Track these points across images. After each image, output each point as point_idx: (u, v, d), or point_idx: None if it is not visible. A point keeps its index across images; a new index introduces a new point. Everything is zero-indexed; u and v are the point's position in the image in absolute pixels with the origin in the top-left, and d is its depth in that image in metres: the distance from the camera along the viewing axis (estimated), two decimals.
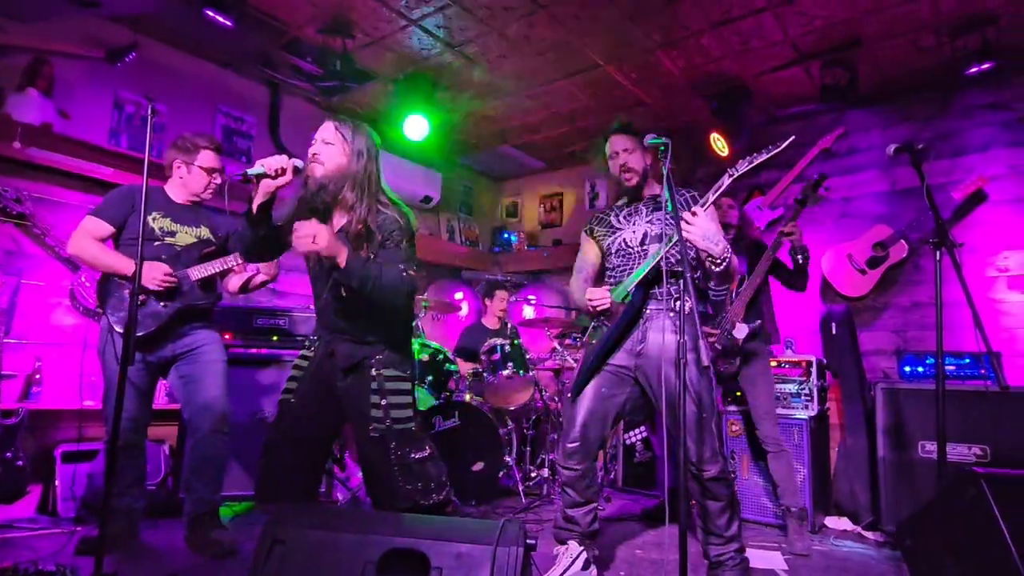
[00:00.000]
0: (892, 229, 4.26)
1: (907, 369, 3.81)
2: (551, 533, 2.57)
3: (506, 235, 6.41)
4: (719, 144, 4.46)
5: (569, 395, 2.49)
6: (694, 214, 2.12)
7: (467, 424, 3.80)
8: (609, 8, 3.59)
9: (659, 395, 2.27)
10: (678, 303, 2.21)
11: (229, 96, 4.44)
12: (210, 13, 3.46)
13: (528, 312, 6.06)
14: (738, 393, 3.67)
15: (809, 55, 4.00)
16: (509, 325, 4.81)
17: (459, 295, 6.05)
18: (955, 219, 4.11)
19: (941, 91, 4.26)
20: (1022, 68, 3.95)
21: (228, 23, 3.50)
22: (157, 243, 2.70)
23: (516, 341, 4.24)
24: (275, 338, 3.63)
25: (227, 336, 3.51)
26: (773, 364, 3.92)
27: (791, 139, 2.04)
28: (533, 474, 4.22)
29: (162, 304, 2.68)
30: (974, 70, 3.64)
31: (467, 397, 4.02)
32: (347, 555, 1.55)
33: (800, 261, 3.40)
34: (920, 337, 4.23)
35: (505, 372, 4.06)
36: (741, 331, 3.29)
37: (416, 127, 4.42)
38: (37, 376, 3.39)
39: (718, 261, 2.19)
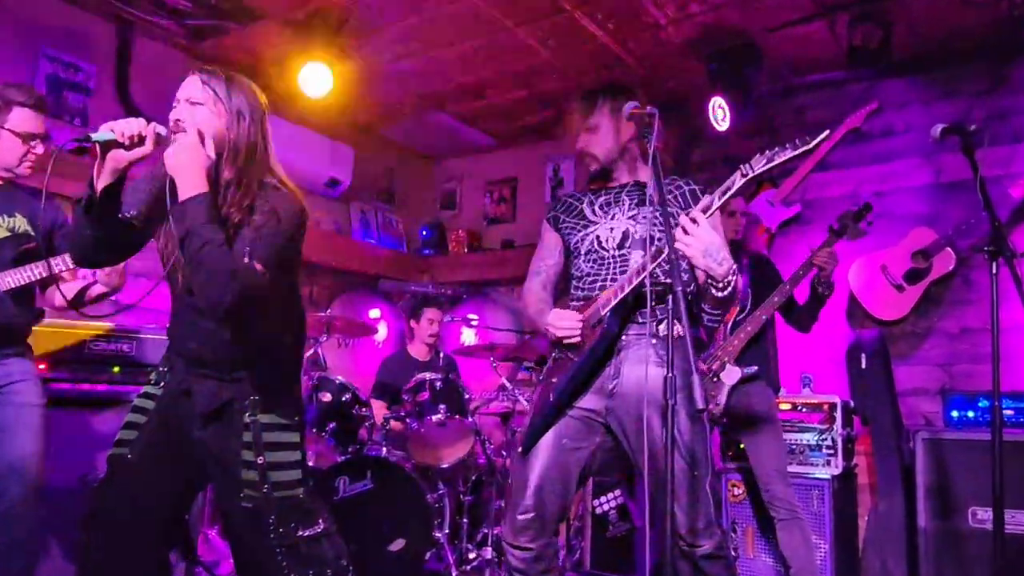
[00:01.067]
0: (936, 234, 4.39)
1: (955, 414, 3.92)
2: None
3: (440, 233, 6.41)
4: (719, 114, 4.58)
5: (519, 449, 2.49)
6: (694, 221, 2.14)
7: (383, 487, 3.79)
8: None
9: (638, 447, 2.28)
10: (663, 326, 2.25)
11: (57, 35, 4.34)
12: None
13: (468, 337, 6.04)
14: (741, 446, 3.76)
15: (834, 6, 4.14)
16: (442, 355, 4.83)
17: (375, 313, 6.04)
18: (1015, 221, 4.27)
19: (996, 58, 4.45)
20: None
21: None
22: None
23: (451, 376, 4.25)
24: (116, 369, 3.55)
25: (43, 367, 3.35)
26: (785, 407, 4.02)
27: (825, 133, 2.04)
28: (472, 555, 4.22)
29: None
30: None
31: (384, 451, 4.01)
32: None
33: (821, 294, 3.54)
34: (971, 372, 4.36)
35: (436, 417, 4.07)
36: (731, 375, 3.37)
37: (315, 80, 4.39)
38: None
39: (720, 284, 2.21)
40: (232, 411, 2.09)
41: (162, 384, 2.17)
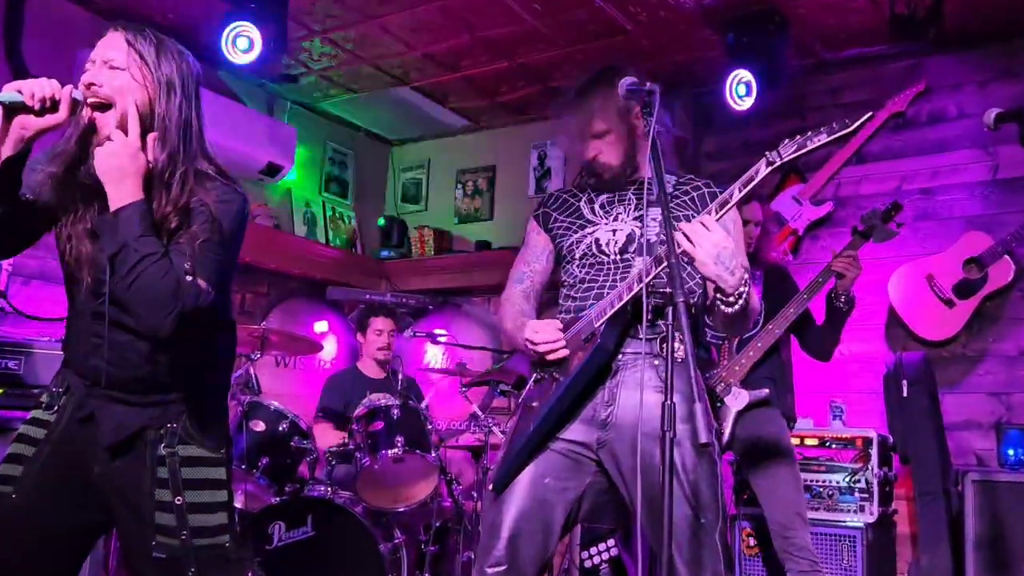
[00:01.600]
0: (992, 239, 4.41)
1: (1011, 452, 3.93)
2: None
3: (401, 231, 6.39)
4: (741, 90, 4.58)
5: (491, 487, 2.48)
6: (704, 224, 2.15)
7: (327, 535, 3.77)
8: None
9: (635, 489, 2.24)
10: (666, 345, 2.20)
11: None
12: None
13: (434, 356, 6.04)
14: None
15: None
16: (400, 375, 4.80)
17: (321, 326, 6.01)
18: None
19: None
20: None
21: None
22: None
23: (411, 401, 4.23)
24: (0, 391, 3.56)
25: None
26: (811, 442, 4.07)
27: (868, 115, 2.02)
28: None
29: None
30: None
31: (327, 491, 3.98)
32: None
33: (842, 309, 3.54)
34: None
35: (392, 452, 4.03)
36: (737, 400, 3.38)
37: (244, 43, 4.30)
38: None
39: (730, 298, 2.23)
40: (145, 442, 2.08)
41: (56, 409, 2.14)
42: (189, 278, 1.95)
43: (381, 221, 6.52)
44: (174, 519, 2.04)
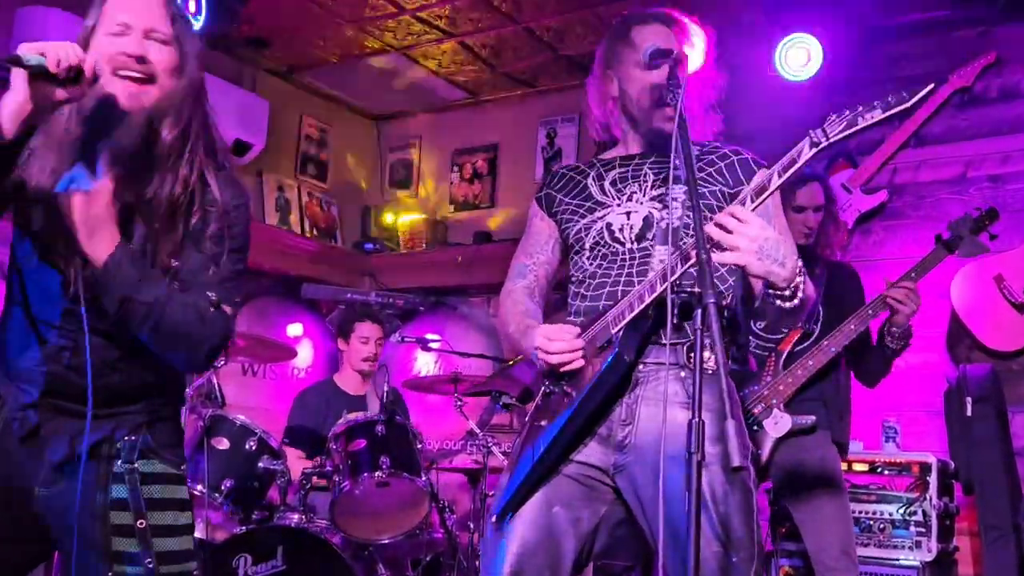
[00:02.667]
0: None
1: None
2: None
3: (388, 220, 6.43)
4: (800, 57, 4.59)
5: (493, 518, 2.46)
6: (734, 215, 2.12)
7: (300, 570, 3.79)
8: None
9: (656, 522, 2.22)
10: (694, 354, 2.16)
11: None
12: None
13: (425, 364, 6.07)
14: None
15: None
16: (386, 387, 4.69)
17: (295, 329, 6.06)
18: None
19: None
20: None
21: None
22: None
23: (397, 417, 4.24)
24: None
25: None
26: (860, 468, 4.09)
27: (930, 87, 1.99)
28: None
29: None
30: None
31: (301, 519, 3.99)
32: None
33: (887, 346, 3.54)
34: None
35: (376, 475, 4.05)
36: (778, 425, 3.39)
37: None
38: None
39: (785, 292, 2.20)
40: (99, 457, 2.09)
41: None
42: (212, 310, 2.00)
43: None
44: (136, 544, 2.05)
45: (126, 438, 2.10)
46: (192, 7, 4.44)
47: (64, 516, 2.07)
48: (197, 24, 4.40)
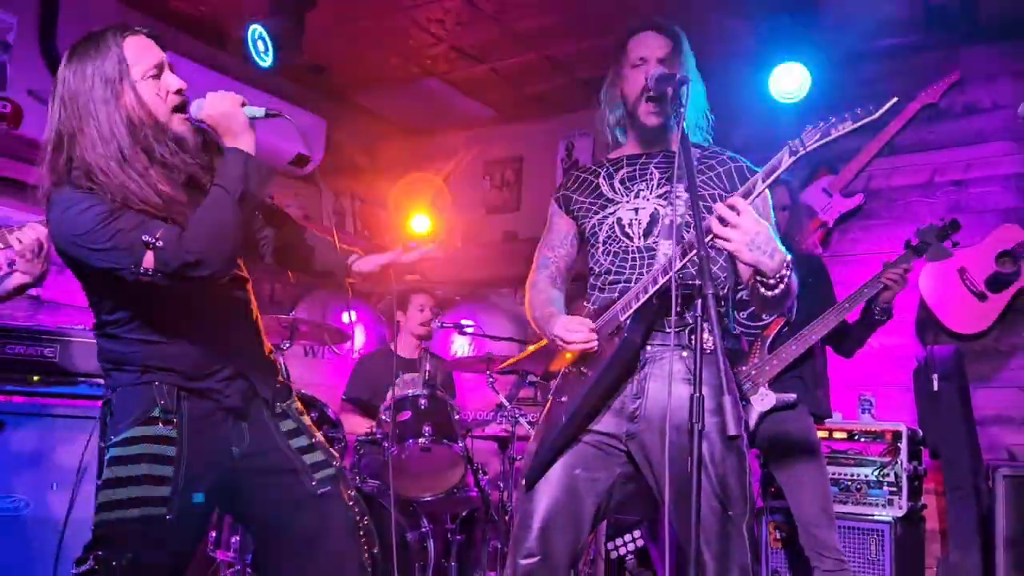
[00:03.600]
0: None
1: None
2: None
3: (429, 222, 6.56)
4: (786, 82, 4.74)
5: (523, 480, 2.59)
6: (733, 208, 2.16)
7: None
8: None
9: (663, 482, 2.34)
10: (694, 336, 2.29)
11: None
12: None
13: (461, 347, 6.27)
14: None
15: None
16: (430, 359, 4.92)
17: (349, 316, 6.16)
18: None
19: None
20: None
21: None
22: None
23: (438, 391, 4.49)
24: (35, 378, 3.63)
25: None
26: (840, 436, 4.30)
27: (892, 101, 2.08)
28: None
29: None
30: None
31: (356, 479, 4.20)
32: None
33: (876, 320, 3.75)
34: None
35: (420, 441, 4.25)
36: (763, 401, 3.54)
37: (261, 44, 4.57)
38: None
39: (770, 281, 2.24)
40: (260, 409, 2.38)
41: (175, 419, 2.24)
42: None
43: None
44: (321, 454, 2.39)
45: (275, 386, 2.42)
46: (261, 47, 4.62)
47: (256, 460, 2.34)
48: (268, 59, 4.61)
